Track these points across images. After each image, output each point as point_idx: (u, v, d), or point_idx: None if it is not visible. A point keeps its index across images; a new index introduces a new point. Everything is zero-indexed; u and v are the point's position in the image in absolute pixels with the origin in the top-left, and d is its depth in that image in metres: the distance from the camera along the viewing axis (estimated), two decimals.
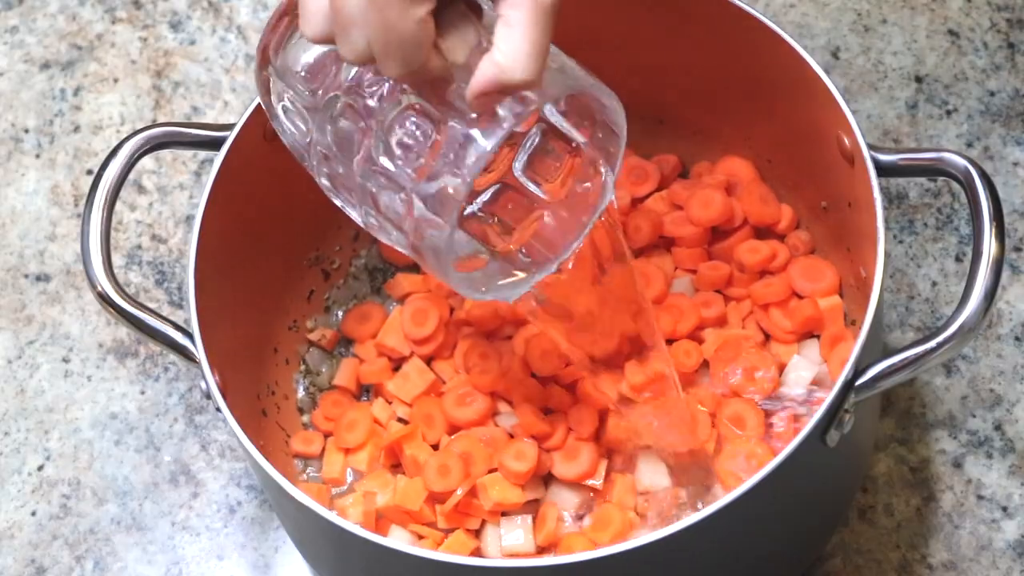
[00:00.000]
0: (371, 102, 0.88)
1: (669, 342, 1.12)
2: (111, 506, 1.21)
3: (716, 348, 1.12)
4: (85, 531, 1.20)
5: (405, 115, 0.87)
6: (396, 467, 1.13)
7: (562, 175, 0.95)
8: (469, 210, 0.94)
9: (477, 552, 1.08)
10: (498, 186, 0.95)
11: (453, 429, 1.12)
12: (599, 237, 0.99)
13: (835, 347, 1.12)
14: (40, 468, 1.23)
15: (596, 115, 0.93)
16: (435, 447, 1.12)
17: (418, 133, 0.86)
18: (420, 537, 1.09)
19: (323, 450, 1.16)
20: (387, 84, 0.87)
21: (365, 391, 1.19)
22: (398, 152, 0.87)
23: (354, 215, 0.93)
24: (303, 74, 0.91)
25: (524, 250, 0.96)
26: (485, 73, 0.82)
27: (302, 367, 1.19)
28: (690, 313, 1.13)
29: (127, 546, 1.19)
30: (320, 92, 0.91)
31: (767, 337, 1.15)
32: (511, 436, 1.11)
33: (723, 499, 0.92)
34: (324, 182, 0.93)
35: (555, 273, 0.97)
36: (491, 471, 1.09)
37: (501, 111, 0.85)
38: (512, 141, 0.93)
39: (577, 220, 0.95)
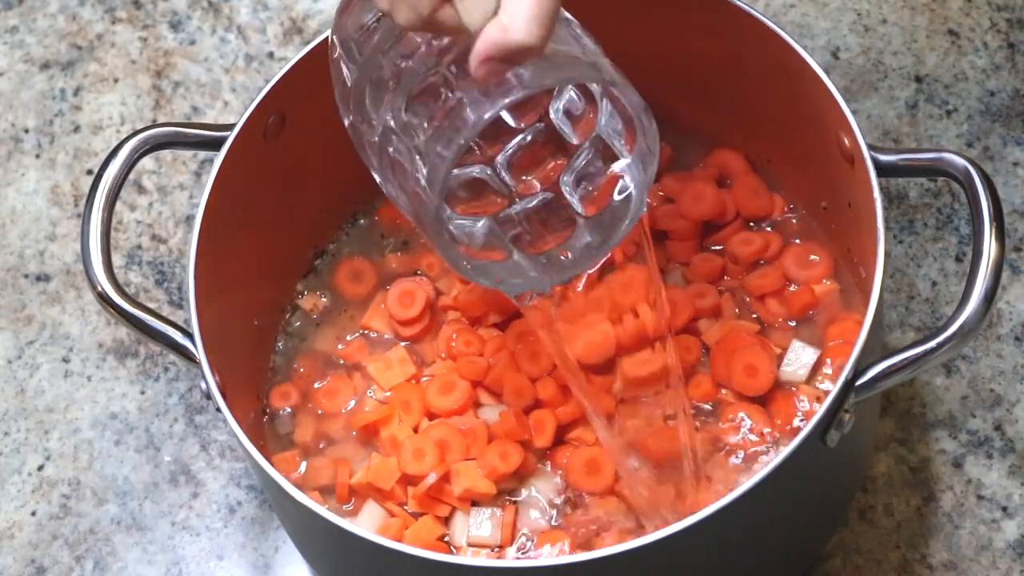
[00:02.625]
0: (404, 63, 0.87)
1: None
2: (111, 506, 1.21)
3: (716, 341, 1.12)
4: (85, 531, 1.20)
5: (427, 80, 0.86)
6: (368, 444, 1.13)
7: (601, 191, 0.95)
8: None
9: (443, 540, 1.08)
10: (542, 196, 0.95)
11: (432, 416, 1.12)
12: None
13: (834, 329, 1.12)
14: (40, 468, 1.23)
15: (638, 137, 0.92)
16: (415, 430, 1.11)
17: (432, 100, 0.85)
18: (392, 515, 1.09)
19: (296, 408, 1.15)
20: (424, 47, 0.87)
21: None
22: (407, 117, 0.86)
23: (376, 177, 0.93)
24: (362, 30, 0.91)
25: (545, 257, 0.96)
26: (488, 35, 0.81)
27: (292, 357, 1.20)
28: (684, 305, 1.13)
29: (127, 546, 1.19)
30: (366, 51, 0.90)
31: (762, 326, 1.14)
32: (489, 429, 1.10)
33: (723, 499, 0.92)
34: (355, 137, 0.93)
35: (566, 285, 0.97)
36: (467, 459, 1.09)
37: (510, 77, 0.83)
38: (558, 155, 0.93)
39: (606, 235, 0.95)
